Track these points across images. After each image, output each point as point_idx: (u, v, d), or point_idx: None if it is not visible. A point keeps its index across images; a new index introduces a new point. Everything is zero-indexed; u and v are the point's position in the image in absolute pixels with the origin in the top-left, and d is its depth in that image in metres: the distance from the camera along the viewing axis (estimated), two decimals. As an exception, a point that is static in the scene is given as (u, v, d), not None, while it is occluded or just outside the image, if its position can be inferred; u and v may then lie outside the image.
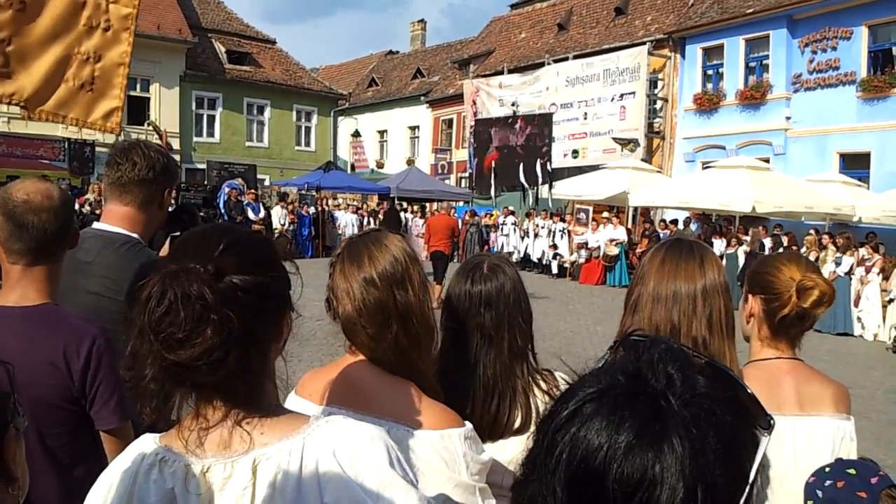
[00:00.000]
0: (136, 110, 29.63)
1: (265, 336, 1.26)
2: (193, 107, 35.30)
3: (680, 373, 0.75)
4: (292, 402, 1.80)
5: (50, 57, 2.52)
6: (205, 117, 36.11)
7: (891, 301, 15.43)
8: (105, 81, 2.65)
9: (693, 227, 22.45)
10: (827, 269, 16.01)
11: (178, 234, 3.03)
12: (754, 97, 24.45)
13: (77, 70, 2.59)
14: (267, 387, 1.30)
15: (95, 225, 2.80)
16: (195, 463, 1.23)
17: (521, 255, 24.92)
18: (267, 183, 33.69)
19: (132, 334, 1.19)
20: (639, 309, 2.03)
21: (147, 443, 1.29)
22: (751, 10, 24.46)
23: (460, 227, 21.60)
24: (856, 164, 22.18)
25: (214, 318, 1.16)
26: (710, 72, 26.46)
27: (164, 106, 32.47)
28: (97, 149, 26.85)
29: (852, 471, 1.64)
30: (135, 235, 2.74)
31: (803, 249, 17.59)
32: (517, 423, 2.05)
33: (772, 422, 0.79)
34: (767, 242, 18.39)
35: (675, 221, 22.35)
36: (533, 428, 2.05)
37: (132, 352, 1.20)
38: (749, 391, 0.81)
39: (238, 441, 1.23)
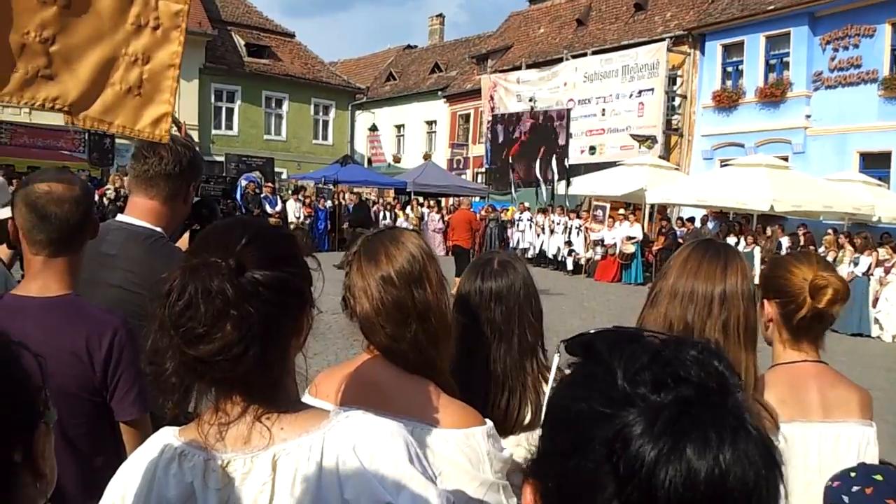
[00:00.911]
0: (156, 102, 29.66)
1: (285, 332, 1.27)
2: (212, 99, 35.46)
3: (694, 360, 0.73)
4: (309, 402, 1.79)
5: (96, 58, 2.39)
6: (223, 110, 36.26)
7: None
8: (154, 85, 2.53)
9: (710, 225, 22.31)
10: (844, 270, 15.86)
11: (197, 227, 3.05)
12: (774, 95, 24.23)
13: (124, 73, 2.46)
14: (287, 383, 1.31)
15: (119, 217, 2.80)
16: (215, 457, 1.24)
17: (537, 251, 24.86)
18: (284, 176, 33.80)
19: (153, 328, 1.20)
20: (657, 303, 2.02)
21: (167, 436, 1.30)
22: (772, 7, 24.23)
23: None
24: (876, 164, 21.95)
25: (234, 313, 1.17)
26: (729, 69, 26.26)
27: (184, 98, 32.50)
28: (117, 140, 27.02)
29: (879, 476, 1.62)
30: (159, 229, 2.75)
31: (821, 249, 17.43)
32: (527, 419, 2.07)
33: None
34: (785, 241, 18.24)
35: (692, 219, 22.22)
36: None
37: (153, 346, 1.21)
38: None
39: (258, 436, 1.24)
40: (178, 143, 2.79)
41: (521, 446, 1.98)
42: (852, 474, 1.65)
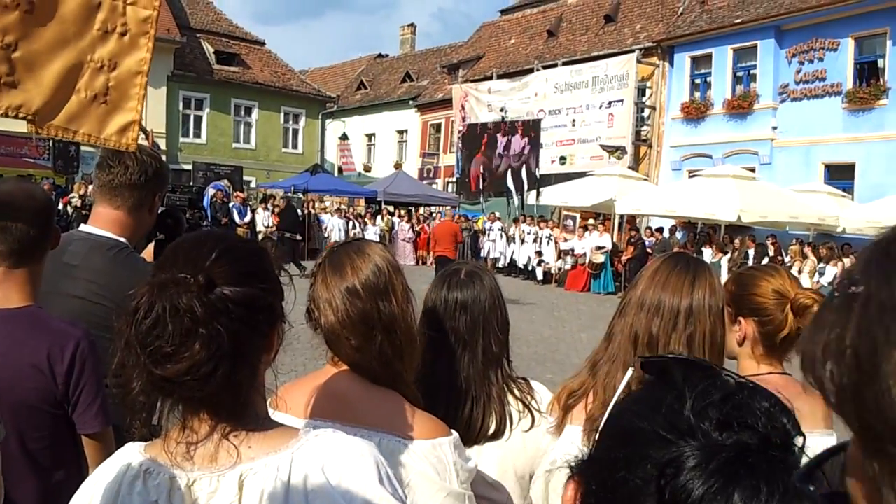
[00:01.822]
0: (123, 109, 29.36)
1: (255, 349, 1.24)
2: (180, 107, 35.15)
3: (764, 411, 0.74)
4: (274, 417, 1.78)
5: (60, 65, 2.32)
6: (192, 118, 35.95)
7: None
8: (121, 92, 2.46)
9: (679, 235, 22.55)
10: (808, 279, 16.11)
11: (163, 237, 3.00)
12: (741, 106, 24.61)
13: (90, 80, 2.39)
14: (255, 400, 1.28)
15: (83, 227, 2.75)
16: (180, 476, 1.21)
17: (508, 260, 24.94)
18: (253, 185, 33.57)
19: (119, 345, 1.17)
20: (625, 313, 2.02)
21: (132, 453, 1.27)
22: (739, 20, 24.63)
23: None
24: (840, 175, 22.37)
25: (203, 332, 1.14)
26: (697, 81, 26.62)
27: (151, 105, 32.26)
28: (82, 148, 26.67)
29: None
30: (123, 240, 2.70)
31: (787, 259, 17.70)
32: (492, 429, 2.08)
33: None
34: (752, 252, 18.49)
35: (660, 229, 22.45)
36: (508, 434, 2.07)
37: (119, 363, 1.17)
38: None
39: (225, 455, 1.21)
40: (143, 152, 2.74)
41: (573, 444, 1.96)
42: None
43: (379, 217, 27.67)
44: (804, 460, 0.78)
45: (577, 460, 0.85)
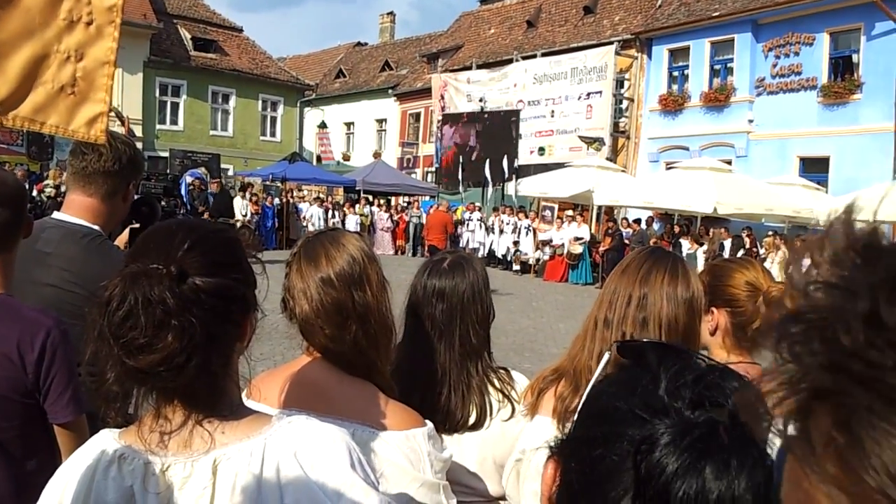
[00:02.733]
0: (98, 95, 29.01)
1: (228, 338, 1.25)
2: (157, 93, 34.74)
3: (734, 391, 0.76)
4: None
5: (25, 55, 2.27)
6: (168, 104, 35.56)
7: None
8: (88, 83, 2.42)
9: (656, 226, 22.70)
10: (781, 271, 16.28)
11: (137, 225, 2.98)
12: (718, 99, 24.78)
13: (57, 70, 2.34)
14: (229, 388, 1.29)
15: (56, 215, 2.73)
16: (155, 461, 1.22)
17: (487, 250, 24.99)
18: (231, 173, 33.31)
19: (92, 336, 1.17)
20: (600, 303, 2.04)
21: (106, 439, 1.27)
22: (717, 14, 24.76)
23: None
24: (815, 168, 22.62)
25: (176, 323, 1.14)
26: (675, 73, 26.76)
27: (128, 92, 31.88)
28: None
29: None
30: (96, 228, 2.68)
31: (762, 251, 17.89)
32: (472, 419, 2.09)
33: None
34: (727, 244, 18.66)
35: (637, 221, 22.58)
36: (489, 423, 2.08)
37: (92, 354, 1.17)
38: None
39: (199, 441, 1.22)
40: (118, 139, 2.72)
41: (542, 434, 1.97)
42: None
43: (358, 206, 27.58)
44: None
45: (556, 440, 0.88)
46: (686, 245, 19.27)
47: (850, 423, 0.33)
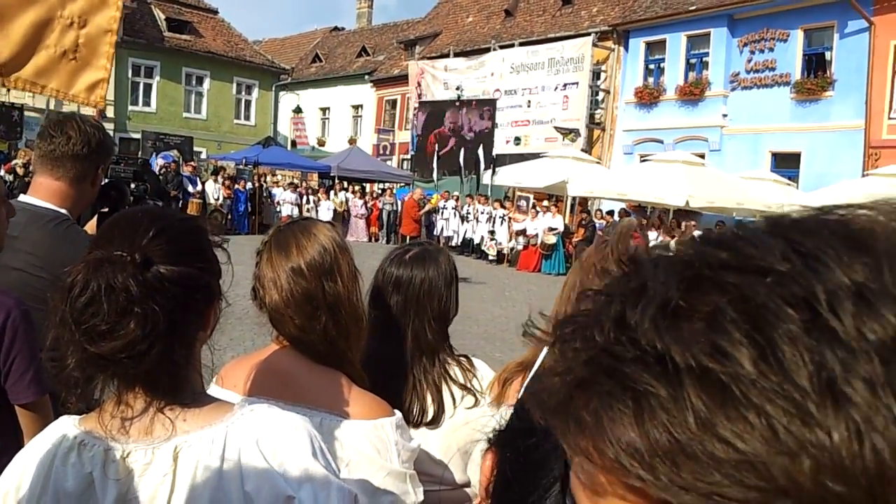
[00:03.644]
0: (69, 75, 28.56)
1: (191, 327, 1.25)
2: (130, 74, 34.29)
3: None
4: (215, 393, 1.78)
5: (30, 19, 2.27)
6: (141, 86, 35.13)
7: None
8: (90, 50, 2.41)
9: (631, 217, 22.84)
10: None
11: (105, 210, 2.95)
12: (693, 93, 24.95)
13: (60, 36, 2.34)
14: (191, 376, 1.29)
15: (22, 198, 2.70)
16: (115, 448, 1.22)
17: (461, 239, 25.02)
18: (204, 156, 33.01)
19: (54, 321, 1.16)
20: (561, 298, 2.06)
21: (66, 425, 1.27)
22: (693, 8, 24.90)
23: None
24: (787, 164, 22.89)
25: (139, 310, 1.14)
26: (651, 66, 26.89)
27: (99, 71, 31.40)
28: (26, 113, 25.88)
29: None
30: (63, 211, 2.65)
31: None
32: (430, 416, 2.09)
33: None
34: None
35: (611, 212, 22.72)
36: (452, 411, 2.09)
37: (54, 339, 1.17)
38: None
39: (160, 428, 1.23)
40: (87, 123, 2.69)
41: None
42: None
43: (332, 193, 27.44)
44: None
45: (494, 432, 0.89)
46: (655, 237, 19.45)
47: (595, 406, 0.40)
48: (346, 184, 28.80)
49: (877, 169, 18.02)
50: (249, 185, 25.83)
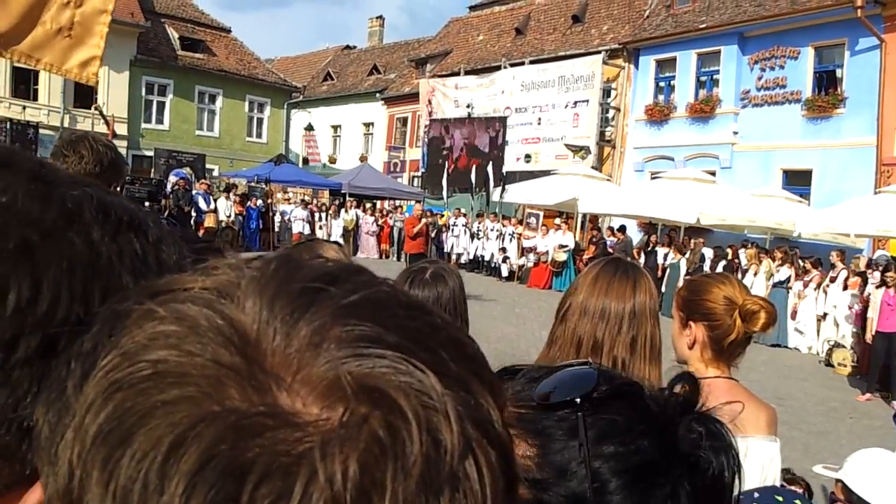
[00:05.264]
0: (84, 93, 28.88)
1: None
2: (143, 92, 34.60)
3: None
4: None
5: None
6: (154, 104, 35.42)
7: (825, 315, 15.89)
8: (85, 28, 2.48)
9: (639, 235, 22.79)
10: (762, 282, 16.45)
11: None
12: (704, 111, 24.95)
13: (56, 13, 2.41)
14: None
15: None
16: None
17: (471, 256, 25.02)
18: (216, 173, 33.19)
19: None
20: (566, 319, 2.06)
21: None
22: (703, 26, 24.96)
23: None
24: (798, 181, 22.81)
25: None
26: (661, 84, 26.92)
27: (113, 90, 31.71)
28: (41, 131, 26.13)
29: (780, 498, 1.69)
30: None
31: (744, 262, 18.02)
32: None
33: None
34: (708, 253, 18.78)
35: (622, 229, 22.69)
36: None
37: None
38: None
39: None
40: (99, 142, 2.72)
41: None
42: (756, 494, 1.71)
43: (343, 210, 27.51)
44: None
45: None
46: (664, 253, 19.44)
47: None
48: (356, 201, 28.91)
49: (889, 186, 17.91)
50: (261, 202, 25.96)
